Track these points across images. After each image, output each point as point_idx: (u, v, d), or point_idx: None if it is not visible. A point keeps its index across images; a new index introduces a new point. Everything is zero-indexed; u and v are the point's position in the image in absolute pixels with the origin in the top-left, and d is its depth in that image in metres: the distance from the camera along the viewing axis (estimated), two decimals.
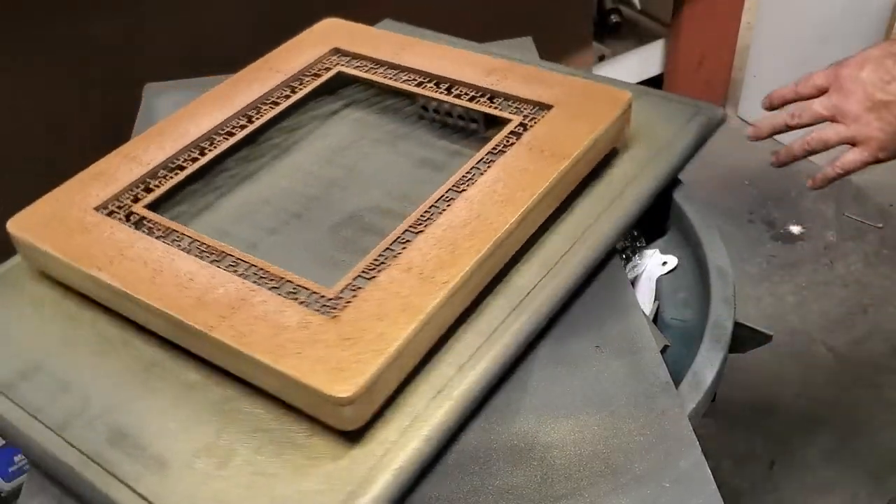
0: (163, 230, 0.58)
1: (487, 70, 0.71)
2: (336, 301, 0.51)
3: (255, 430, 0.50)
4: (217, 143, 0.66)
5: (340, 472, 0.47)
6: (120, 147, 0.65)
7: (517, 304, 0.55)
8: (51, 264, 0.58)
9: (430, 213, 0.57)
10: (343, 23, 0.79)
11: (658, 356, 0.56)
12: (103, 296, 0.56)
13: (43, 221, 0.59)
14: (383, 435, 0.48)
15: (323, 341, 0.48)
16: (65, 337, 0.57)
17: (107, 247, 0.56)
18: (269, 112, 0.70)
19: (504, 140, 0.63)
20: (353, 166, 0.70)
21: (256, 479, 0.47)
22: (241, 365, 0.50)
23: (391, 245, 0.55)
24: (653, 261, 0.71)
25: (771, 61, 1.77)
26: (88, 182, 0.62)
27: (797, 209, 1.68)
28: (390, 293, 0.51)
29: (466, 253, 0.53)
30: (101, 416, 0.51)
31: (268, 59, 0.75)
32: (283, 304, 0.51)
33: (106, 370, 0.54)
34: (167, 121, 0.68)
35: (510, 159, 0.61)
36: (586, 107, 0.65)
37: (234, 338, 0.49)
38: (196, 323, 0.50)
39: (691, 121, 0.72)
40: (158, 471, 0.48)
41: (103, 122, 0.97)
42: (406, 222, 0.57)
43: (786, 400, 1.34)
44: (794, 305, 1.49)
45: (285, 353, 0.48)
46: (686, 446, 0.49)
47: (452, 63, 0.72)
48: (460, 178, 0.60)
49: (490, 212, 0.56)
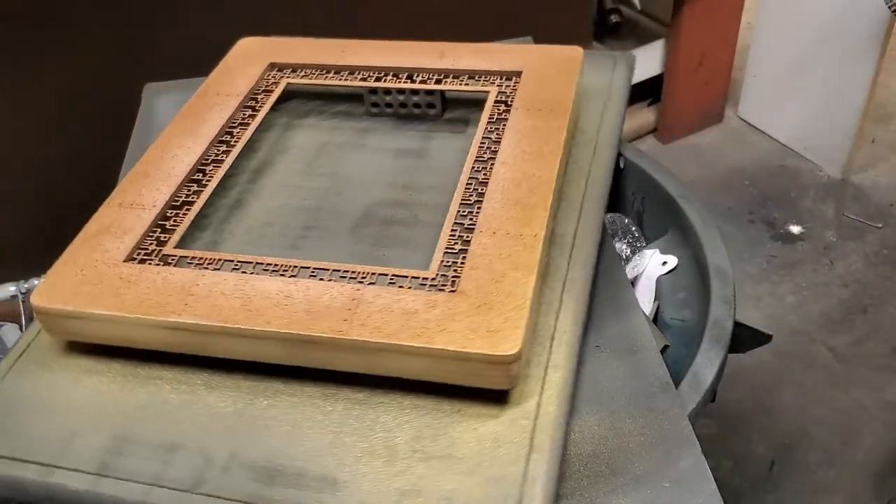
0: (214, 262, 0.56)
1: (438, 53, 0.73)
2: (442, 279, 0.52)
3: (399, 423, 0.50)
4: (210, 173, 0.64)
5: (509, 427, 0.48)
6: (109, 198, 0.61)
7: (570, 254, 0.59)
8: (102, 328, 0.53)
9: (471, 185, 0.60)
10: (262, 39, 0.79)
11: (658, 356, 0.55)
12: (183, 340, 0.52)
13: (72, 288, 0.54)
14: (527, 387, 0.50)
15: (460, 314, 0.49)
16: (136, 399, 0.53)
17: (169, 292, 0.53)
18: (244, 133, 0.68)
19: (494, 109, 0.67)
20: (336, 172, 0.69)
21: (433, 462, 0.47)
22: (382, 359, 0.49)
23: (457, 219, 0.57)
24: (653, 261, 0.71)
25: (771, 61, 1.78)
26: (96, 239, 0.58)
27: (797, 209, 1.68)
28: (492, 257, 0.53)
29: (535, 207, 0.56)
30: (232, 462, 0.49)
31: (209, 86, 0.73)
32: (395, 293, 0.51)
33: (203, 416, 0.51)
34: (144, 164, 0.64)
35: (516, 122, 0.65)
36: (551, 66, 0.71)
37: (373, 333, 0.48)
38: (324, 332, 0.49)
39: (616, 67, 0.79)
40: (334, 489, 0.47)
41: (103, 122, 0.97)
42: (457, 197, 0.59)
43: (786, 400, 1.34)
44: (794, 305, 1.49)
45: (431, 332, 0.48)
46: (686, 446, 0.49)
47: (401, 54, 0.74)
48: (480, 148, 0.63)
49: (532, 168, 0.60)
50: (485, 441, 0.48)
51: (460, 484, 0.46)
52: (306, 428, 0.50)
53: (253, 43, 0.78)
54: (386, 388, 0.52)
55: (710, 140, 1.88)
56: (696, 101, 1.84)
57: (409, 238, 0.62)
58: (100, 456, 0.50)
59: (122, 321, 0.52)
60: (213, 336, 0.51)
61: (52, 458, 0.50)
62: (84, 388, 0.54)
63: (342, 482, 0.47)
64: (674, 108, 1.82)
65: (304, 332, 0.49)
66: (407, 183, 0.67)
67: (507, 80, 0.71)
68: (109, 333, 0.54)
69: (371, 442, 0.49)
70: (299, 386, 0.53)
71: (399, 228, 0.62)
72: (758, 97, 1.85)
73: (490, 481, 0.46)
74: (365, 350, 0.49)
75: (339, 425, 0.50)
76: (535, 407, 0.49)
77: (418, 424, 0.50)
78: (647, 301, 0.69)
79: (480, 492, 0.46)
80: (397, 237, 0.61)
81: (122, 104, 0.84)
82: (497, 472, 0.46)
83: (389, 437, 0.49)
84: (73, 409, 0.53)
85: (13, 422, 0.52)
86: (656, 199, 0.75)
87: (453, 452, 0.48)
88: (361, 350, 0.49)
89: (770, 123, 1.85)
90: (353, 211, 0.65)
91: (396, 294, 0.51)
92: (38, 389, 0.54)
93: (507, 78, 0.71)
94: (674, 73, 1.75)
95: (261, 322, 0.50)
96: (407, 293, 0.51)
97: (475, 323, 0.49)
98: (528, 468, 0.46)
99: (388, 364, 0.50)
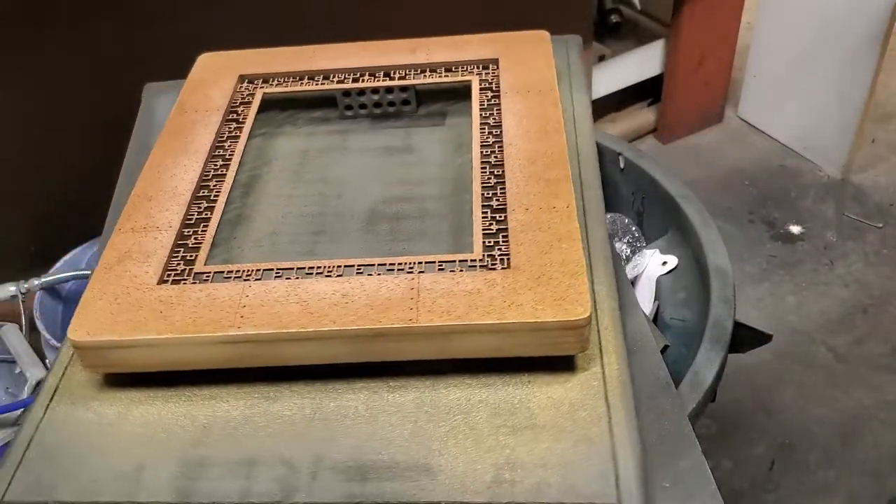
0: (254, 273, 0.55)
1: (409, 49, 0.75)
2: (489, 259, 0.54)
3: (474, 403, 0.51)
4: (214, 188, 0.64)
5: (582, 390, 0.50)
6: (118, 225, 0.60)
7: (584, 222, 0.61)
8: (151, 354, 0.51)
9: (486, 168, 0.61)
10: (223, 53, 0.78)
11: (658, 356, 0.56)
12: (242, 353, 0.51)
13: (109, 319, 0.52)
14: (587, 352, 0.52)
15: (521, 287, 0.51)
16: (195, 421, 0.51)
17: (218, 307, 0.52)
18: (236, 146, 0.67)
19: (482, 95, 0.69)
20: (327, 176, 0.69)
21: (520, 434, 0.48)
22: (452, 342, 0.50)
23: (484, 203, 0.58)
24: (653, 261, 0.71)
25: (771, 61, 1.78)
26: (120, 267, 0.56)
27: (797, 209, 1.68)
28: (533, 231, 0.54)
29: (559, 181, 0.58)
30: (318, 466, 0.48)
31: (185, 103, 0.71)
32: (451, 277, 0.52)
33: (273, 427, 0.51)
34: (143, 186, 0.63)
35: (511, 105, 0.67)
36: (524, 51, 0.73)
37: (442, 317, 0.49)
38: (394, 323, 0.49)
39: (570, 50, 0.81)
40: (430, 475, 0.47)
41: (103, 123, 0.96)
42: (476, 182, 0.60)
43: (786, 400, 1.34)
44: (794, 305, 1.49)
45: (500, 309, 0.49)
46: (686, 446, 0.50)
47: (371, 54, 0.75)
48: (481, 134, 0.65)
49: (541, 146, 0.62)
50: (562, 407, 0.50)
51: (551, 450, 0.47)
52: (382, 422, 0.50)
53: (215, 58, 0.78)
54: (450, 373, 0.52)
55: (710, 140, 1.88)
56: (696, 101, 1.84)
57: (423, 230, 0.62)
58: (175, 483, 0.48)
59: (173, 343, 0.51)
60: (277, 344, 0.51)
61: (126, 494, 0.48)
62: (134, 420, 0.52)
63: (436, 467, 0.47)
64: (674, 108, 1.83)
65: (372, 325, 0.49)
66: (402, 178, 0.67)
67: (484, 69, 0.72)
68: (157, 359, 0.52)
69: (452, 425, 0.50)
70: (362, 383, 0.52)
71: (410, 222, 0.63)
72: (758, 97, 1.86)
73: (579, 443, 0.48)
74: (436, 335, 0.50)
75: (415, 414, 0.50)
76: (600, 368, 0.51)
77: (494, 401, 0.51)
78: (647, 301, 0.69)
79: (573, 454, 0.47)
80: (412, 230, 0.62)
81: (122, 104, 0.83)
82: (583, 434, 0.48)
83: (469, 417, 0.50)
84: (128, 442, 0.51)
85: (69, 465, 0.50)
86: (656, 199, 0.76)
87: (535, 422, 0.49)
88: (432, 336, 0.50)
89: (770, 123, 1.85)
90: (359, 211, 0.65)
91: (453, 278, 0.52)
92: (83, 429, 0.52)
93: (484, 67, 0.73)
94: (674, 73, 1.75)
95: (326, 322, 0.50)
96: (462, 276, 0.52)
97: (539, 294, 0.50)
98: (611, 425, 0.48)
99: (459, 346, 0.50)
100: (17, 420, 0.94)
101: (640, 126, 1.88)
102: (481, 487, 0.46)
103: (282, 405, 0.52)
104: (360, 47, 0.76)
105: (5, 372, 1.05)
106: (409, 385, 0.52)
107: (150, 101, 0.81)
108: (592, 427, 0.48)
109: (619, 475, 0.46)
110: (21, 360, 0.98)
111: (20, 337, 1.01)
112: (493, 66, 0.73)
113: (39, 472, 0.49)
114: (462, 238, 0.59)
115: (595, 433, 0.48)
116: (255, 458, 0.49)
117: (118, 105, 0.84)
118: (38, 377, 0.94)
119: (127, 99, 0.83)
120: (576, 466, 0.46)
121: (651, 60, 1.76)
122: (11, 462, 0.50)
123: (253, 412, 0.52)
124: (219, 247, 0.61)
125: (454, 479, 0.47)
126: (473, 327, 0.49)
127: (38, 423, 0.52)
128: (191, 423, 0.51)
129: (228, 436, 0.50)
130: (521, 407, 0.50)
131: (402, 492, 0.46)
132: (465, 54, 0.73)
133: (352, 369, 0.52)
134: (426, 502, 0.46)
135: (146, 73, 0.84)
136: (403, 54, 0.74)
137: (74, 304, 0.55)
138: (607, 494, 0.45)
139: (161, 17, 1.12)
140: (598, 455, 0.47)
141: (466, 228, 0.60)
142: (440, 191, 0.65)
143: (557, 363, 0.51)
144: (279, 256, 0.61)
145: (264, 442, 0.50)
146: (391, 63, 0.74)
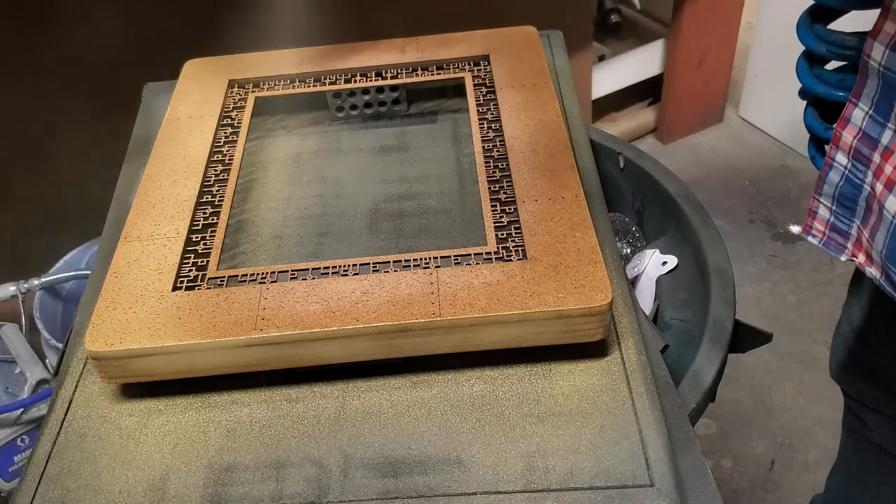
0: (269, 276, 0.55)
1: (399, 48, 0.75)
2: (504, 251, 0.54)
3: (498, 394, 0.51)
4: (217, 193, 0.63)
5: (603, 376, 0.51)
6: (123, 234, 0.59)
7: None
8: (171, 361, 0.51)
9: (489, 162, 0.62)
10: (209, 59, 0.77)
11: (658, 356, 0.56)
12: (265, 356, 0.51)
13: (126, 328, 0.51)
14: (605, 339, 0.52)
15: (541, 277, 0.51)
16: (218, 427, 0.51)
17: (238, 311, 0.51)
18: (234, 151, 0.67)
19: (477, 91, 0.69)
20: (325, 177, 0.69)
21: (547, 421, 0.49)
22: (475, 334, 0.50)
23: (493, 196, 0.59)
24: (653, 261, 0.71)
25: (771, 61, 1.78)
26: (131, 276, 0.55)
27: (797, 209, 1.68)
28: (546, 222, 0.55)
29: (564, 171, 0.59)
30: (348, 465, 0.48)
31: (177, 110, 0.71)
32: (469, 270, 0.52)
33: (298, 428, 0.50)
34: (145, 194, 0.62)
35: (507, 100, 0.67)
36: (515, 47, 0.74)
37: (466, 310, 0.49)
38: (418, 318, 0.49)
39: (553, 45, 0.81)
40: (462, 467, 0.47)
41: (103, 123, 0.96)
42: (481, 176, 0.61)
43: (786, 400, 1.34)
44: (794, 305, 1.50)
45: (522, 299, 0.50)
46: (686, 446, 0.49)
47: (361, 54, 0.75)
48: (480, 129, 0.65)
49: (542, 137, 0.62)
50: (586, 393, 0.50)
51: (580, 435, 0.48)
52: (409, 417, 0.50)
53: (202, 64, 0.77)
54: (471, 366, 0.53)
55: (710, 140, 1.89)
56: (696, 101, 1.84)
57: (428, 226, 0.62)
58: (205, 490, 0.48)
59: (195, 349, 0.50)
60: (300, 345, 0.50)
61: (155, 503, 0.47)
62: (156, 429, 0.51)
63: (467, 458, 0.48)
64: (674, 108, 1.83)
65: (396, 321, 0.49)
66: (401, 177, 0.68)
67: (475, 66, 0.73)
68: (178, 366, 0.51)
69: (479, 416, 0.50)
70: (384, 381, 0.53)
71: (414, 219, 0.63)
72: (758, 97, 1.86)
73: (606, 427, 0.48)
74: (459, 328, 0.50)
75: (440, 407, 0.51)
76: (619, 354, 0.52)
77: (518, 391, 0.51)
78: (647, 301, 0.69)
79: (602, 439, 0.48)
80: (416, 227, 0.62)
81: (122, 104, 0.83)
82: (609, 419, 0.49)
83: (495, 408, 0.50)
84: (152, 452, 0.50)
85: (92, 480, 0.49)
86: (656, 199, 0.76)
87: (561, 409, 0.50)
88: (456, 329, 0.50)
89: (770, 123, 1.86)
90: (361, 211, 0.65)
91: (470, 271, 0.52)
92: (103, 443, 0.51)
93: (476, 63, 0.73)
94: (674, 73, 1.76)
95: (350, 320, 0.50)
96: (480, 269, 0.52)
97: (559, 283, 0.51)
98: (635, 408, 0.49)
99: (481, 338, 0.51)
100: (17, 420, 0.94)
101: (640, 126, 1.88)
102: (515, 476, 0.47)
103: (305, 406, 0.52)
104: (350, 48, 0.76)
105: (5, 372, 1.03)
106: (431, 380, 0.52)
107: (150, 101, 0.81)
108: (618, 411, 0.49)
109: (648, 456, 0.47)
110: (21, 360, 0.97)
111: (20, 337, 1.00)
112: (483, 62, 0.73)
113: (62, 488, 0.48)
114: (470, 232, 0.60)
115: (621, 417, 0.49)
116: (284, 461, 0.49)
117: (118, 105, 0.83)
118: (38, 377, 0.94)
119: (127, 99, 0.82)
120: (606, 450, 0.47)
121: (651, 60, 1.76)
122: (31, 479, 0.49)
123: (277, 414, 0.51)
124: (224, 253, 0.60)
125: (486, 469, 0.47)
126: (497, 318, 0.49)
127: (55, 438, 0.51)
128: (214, 429, 0.51)
129: (255, 439, 0.50)
130: (545, 395, 0.51)
131: (437, 485, 0.47)
132: (455, 52, 0.74)
133: (370, 369, 0.53)
134: (461, 493, 0.46)
135: (146, 73, 0.84)
136: (394, 54, 0.74)
137: (74, 304, 0.54)
138: (640, 476, 0.46)
139: (161, 16, 1.12)
140: (626, 438, 0.48)
141: (472, 222, 0.61)
142: (440, 187, 0.66)
143: (577, 350, 0.52)
144: (286, 259, 0.61)
145: (291, 443, 0.50)
146: (381, 63, 0.74)
